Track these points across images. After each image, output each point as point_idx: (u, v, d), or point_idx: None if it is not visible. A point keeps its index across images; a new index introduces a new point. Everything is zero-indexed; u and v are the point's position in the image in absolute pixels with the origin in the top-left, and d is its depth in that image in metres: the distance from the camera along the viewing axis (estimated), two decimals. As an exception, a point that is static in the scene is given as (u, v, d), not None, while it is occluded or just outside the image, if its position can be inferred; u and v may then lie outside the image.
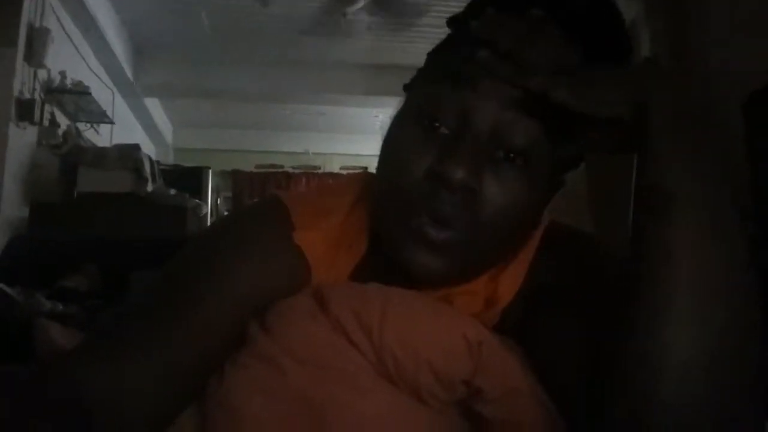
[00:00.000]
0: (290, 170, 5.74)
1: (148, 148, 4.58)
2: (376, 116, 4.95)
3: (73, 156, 2.76)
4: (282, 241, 0.51)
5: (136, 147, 2.87)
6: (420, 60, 0.54)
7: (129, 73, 3.84)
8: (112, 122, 3.35)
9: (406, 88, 0.53)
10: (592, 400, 0.40)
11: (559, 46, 0.46)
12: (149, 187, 2.78)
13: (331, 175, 5.59)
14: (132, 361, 0.44)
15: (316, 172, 5.67)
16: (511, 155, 0.45)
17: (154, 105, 4.77)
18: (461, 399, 0.44)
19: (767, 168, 1.57)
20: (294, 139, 5.66)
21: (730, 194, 0.40)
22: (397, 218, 0.47)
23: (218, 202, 3.95)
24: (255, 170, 5.72)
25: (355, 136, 5.44)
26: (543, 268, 0.52)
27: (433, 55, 0.52)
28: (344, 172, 5.52)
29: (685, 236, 0.38)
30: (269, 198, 0.56)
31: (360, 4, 2.97)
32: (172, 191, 2.95)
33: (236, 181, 5.65)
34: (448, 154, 0.44)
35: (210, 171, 3.68)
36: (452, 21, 0.52)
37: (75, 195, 2.70)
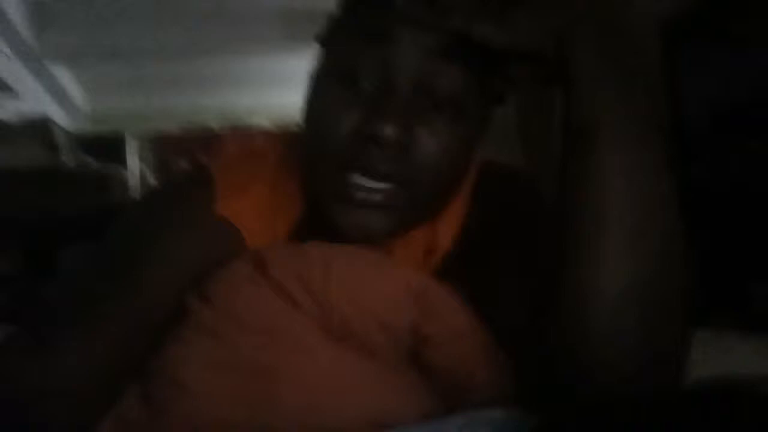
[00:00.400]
0: (218, 129, 5.54)
1: (61, 118, 4.29)
2: (302, 64, 4.81)
3: (-25, 132, 2.55)
4: (207, 212, 0.50)
5: (45, 118, 2.68)
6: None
7: (29, 36, 3.53)
8: (14, 93, 3.10)
9: (321, 41, 0.51)
10: (533, 338, 0.40)
11: None
12: (65, 160, 2.62)
13: (262, 130, 5.44)
14: (69, 348, 0.43)
15: (245, 128, 5.50)
16: (440, 104, 0.45)
17: (62, 70, 4.43)
18: (411, 349, 0.44)
19: (683, 83, 1.65)
20: (219, 95, 5.43)
21: (656, 122, 0.40)
22: (329, 181, 0.46)
23: (143, 168, 3.78)
24: (179, 132, 5.49)
25: (283, 87, 5.27)
26: (479, 212, 0.53)
27: (346, 3, 0.50)
28: (275, 125, 5.38)
29: (611, 167, 0.38)
30: (196, 168, 0.55)
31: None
32: (92, 161, 2.79)
33: (161, 144, 5.41)
34: (374, 112, 0.43)
35: (130, 136, 3.50)
36: None
37: (-19, 175, 2.51)
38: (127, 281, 0.46)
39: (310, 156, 0.48)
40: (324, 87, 0.47)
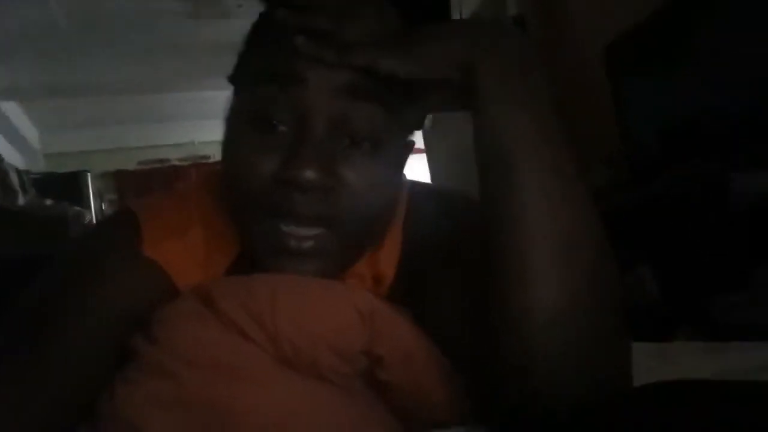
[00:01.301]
0: (177, 163, 5.47)
1: (13, 158, 4.17)
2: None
3: None
4: (132, 254, 0.49)
5: (-3, 158, 2.60)
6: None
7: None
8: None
9: (232, 80, 0.50)
10: (480, 358, 0.41)
11: (378, 13, 0.45)
12: (20, 200, 2.55)
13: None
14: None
15: (206, 162, 5.44)
16: (358, 140, 0.45)
17: (13, 109, 4.33)
18: (365, 371, 0.44)
19: (630, 110, 1.71)
20: (178, 130, 5.38)
21: (563, 141, 0.41)
22: (257, 230, 0.46)
23: (102, 206, 3.69)
24: (139, 168, 5.40)
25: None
26: (415, 235, 0.53)
27: (251, 42, 0.49)
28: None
29: (530, 189, 0.39)
30: (121, 211, 0.53)
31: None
32: (49, 201, 2.72)
33: (120, 182, 5.30)
34: (292, 157, 0.43)
35: (89, 174, 3.43)
36: None
37: (-70, 219, 2.41)
38: (49, 333, 0.45)
39: (234, 202, 0.47)
40: (239, 131, 0.46)
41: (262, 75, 0.45)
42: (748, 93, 1.33)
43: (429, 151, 3.17)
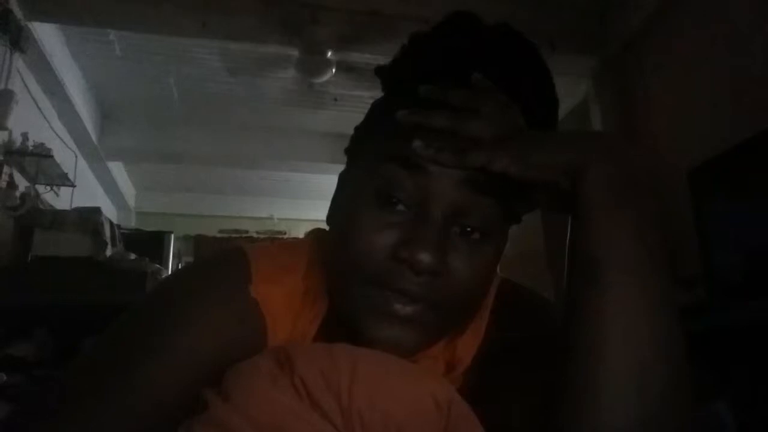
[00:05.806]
0: (255, 235, 5.69)
1: (110, 212, 4.49)
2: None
3: (30, 219, 2.70)
4: (238, 292, 0.49)
5: (96, 210, 2.82)
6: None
7: (93, 136, 3.82)
8: (73, 185, 3.30)
9: (349, 152, 0.53)
10: None
11: (500, 109, 0.46)
12: (108, 252, 2.72)
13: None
14: None
15: (281, 237, 5.64)
16: (469, 230, 0.47)
17: (117, 168, 4.72)
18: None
19: (712, 232, 1.66)
20: (259, 204, 5.65)
21: (663, 262, 0.40)
22: (361, 297, 0.47)
23: (179, 266, 3.87)
24: (218, 235, 5.66)
25: (321, 201, 5.46)
26: (498, 330, 0.53)
27: (377, 118, 0.52)
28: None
29: (612, 303, 0.38)
30: (231, 249, 0.54)
31: (327, 77, 3.07)
32: (132, 256, 2.88)
33: (199, 245, 5.55)
34: (412, 238, 0.45)
35: (172, 235, 3.63)
36: (380, 72, 0.52)
37: (29, 259, 2.61)
38: (136, 365, 0.45)
39: (342, 269, 0.48)
40: (360, 205, 0.48)
41: (386, 154, 0.47)
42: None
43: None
